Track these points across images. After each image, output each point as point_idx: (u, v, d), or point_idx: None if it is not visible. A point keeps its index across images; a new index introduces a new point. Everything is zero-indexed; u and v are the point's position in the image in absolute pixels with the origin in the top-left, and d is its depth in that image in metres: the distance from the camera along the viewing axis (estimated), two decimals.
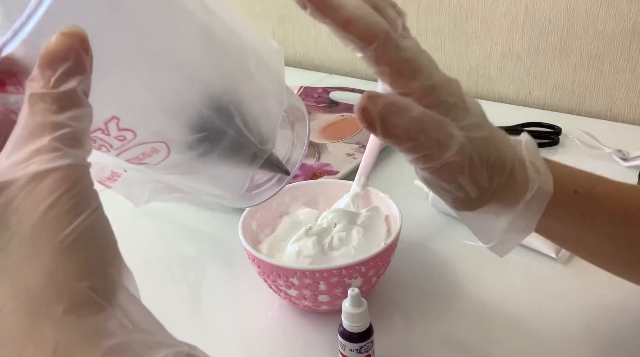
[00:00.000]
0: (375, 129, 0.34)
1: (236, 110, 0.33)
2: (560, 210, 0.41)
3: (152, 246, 0.68)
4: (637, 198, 0.43)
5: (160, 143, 0.31)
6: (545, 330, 0.52)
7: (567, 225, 0.42)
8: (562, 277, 0.58)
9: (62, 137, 0.24)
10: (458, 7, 0.99)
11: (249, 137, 0.34)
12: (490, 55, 1.00)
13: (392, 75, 0.35)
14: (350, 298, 0.45)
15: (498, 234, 0.41)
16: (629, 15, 0.85)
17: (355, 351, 0.46)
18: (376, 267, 0.51)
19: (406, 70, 0.35)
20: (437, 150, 0.35)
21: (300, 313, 0.55)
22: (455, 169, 0.36)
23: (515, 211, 0.39)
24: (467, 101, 0.37)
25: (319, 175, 0.78)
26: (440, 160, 0.35)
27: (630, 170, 0.75)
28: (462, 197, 0.38)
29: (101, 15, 0.26)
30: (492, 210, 0.40)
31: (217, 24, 0.32)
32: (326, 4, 0.33)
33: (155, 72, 0.29)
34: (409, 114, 0.34)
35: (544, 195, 0.40)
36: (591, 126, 0.85)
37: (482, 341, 0.51)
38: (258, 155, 0.35)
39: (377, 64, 0.35)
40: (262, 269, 0.52)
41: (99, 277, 0.24)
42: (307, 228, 0.55)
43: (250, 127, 0.34)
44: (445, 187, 0.37)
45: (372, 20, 0.34)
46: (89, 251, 0.24)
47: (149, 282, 0.62)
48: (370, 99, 0.33)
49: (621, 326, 0.52)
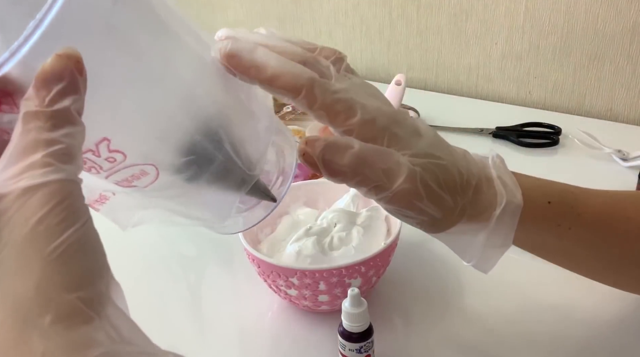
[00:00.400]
0: (318, 170, 0.35)
1: (225, 136, 0.34)
2: (535, 222, 0.41)
3: (152, 246, 0.68)
4: (612, 205, 0.44)
5: (150, 165, 0.32)
6: (545, 330, 0.52)
7: (544, 236, 0.43)
8: (562, 277, 0.58)
9: (54, 153, 0.24)
10: (458, 7, 0.99)
11: (237, 162, 0.34)
12: (490, 55, 1.00)
13: (330, 116, 0.36)
14: (350, 298, 0.45)
15: (477, 251, 0.41)
16: (629, 15, 0.85)
17: (355, 351, 0.46)
18: (376, 267, 0.51)
19: (341, 109, 0.36)
20: (386, 179, 0.36)
21: (300, 313, 0.55)
22: (409, 195, 0.36)
23: (488, 226, 0.40)
24: (419, 128, 0.38)
25: (319, 175, 0.78)
26: (391, 189, 0.36)
27: (630, 170, 0.75)
28: (427, 220, 0.38)
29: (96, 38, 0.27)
30: (464, 228, 0.40)
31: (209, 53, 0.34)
32: (250, 66, 0.35)
33: (148, 95, 0.30)
34: (350, 150, 0.35)
35: (514, 208, 0.40)
36: (591, 126, 0.85)
37: (482, 341, 0.51)
38: (246, 180, 0.36)
39: (311, 109, 0.36)
40: (262, 269, 0.52)
41: (87, 289, 0.25)
42: (307, 228, 0.55)
43: (239, 153, 0.35)
44: (407, 214, 0.38)
45: (296, 72, 0.35)
46: (77, 263, 0.24)
47: (149, 282, 0.62)
48: (308, 143, 0.35)
49: (621, 326, 0.52)
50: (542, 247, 0.45)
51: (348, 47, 1.16)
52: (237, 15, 1.29)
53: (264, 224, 0.60)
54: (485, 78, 1.02)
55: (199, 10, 1.35)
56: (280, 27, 1.23)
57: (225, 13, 1.31)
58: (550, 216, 0.42)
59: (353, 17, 1.12)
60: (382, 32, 1.10)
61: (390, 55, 1.11)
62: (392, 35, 1.09)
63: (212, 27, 1.41)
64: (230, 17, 1.31)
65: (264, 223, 0.60)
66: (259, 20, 1.26)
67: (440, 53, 1.05)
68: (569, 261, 0.46)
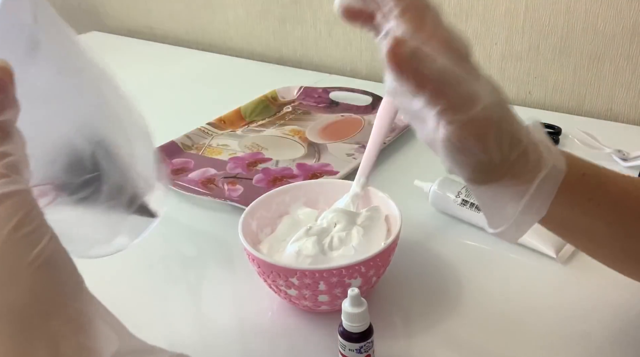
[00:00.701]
0: (406, 70, 0.34)
1: (114, 158, 0.36)
2: (569, 193, 0.40)
3: (152, 246, 0.68)
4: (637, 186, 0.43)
5: (46, 185, 0.33)
6: (545, 330, 0.52)
7: (574, 211, 0.42)
8: (562, 277, 0.58)
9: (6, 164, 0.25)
10: (458, 7, 0.99)
11: (127, 182, 0.37)
12: (490, 56, 1.00)
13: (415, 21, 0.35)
14: (350, 298, 0.45)
15: (511, 216, 0.40)
16: (629, 15, 0.85)
17: (355, 351, 0.46)
18: (376, 267, 0.51)
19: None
20: (468, 101, 0.34)
21: (300, 313, 0.55)
22: (485, 125, 0.35)
23: (530, 190, 0.39)
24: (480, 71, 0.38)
25: (319, 175, 0.78)
26: (469, 113, 0.34)
27: (630, 171, 0.74)
28: (485, 163, 0.37)
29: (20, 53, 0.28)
30: (506, 186, 0.39)
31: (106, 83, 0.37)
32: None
33: (53, 113, 0.31)
34: (440, 60, 0.34)
35: (557, 174, 0.39)
36: (591, 126, 0.85)
37: (482, 341, 0.51)
38: (134, 200, 0.38)
39: None
40: (262, 269, 0.52)
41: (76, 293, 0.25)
42: (307, 228, 0.55)
43: (128, 174, 0.37)
44: (470, 148, 0.36)
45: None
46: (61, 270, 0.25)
47: (149, 282, 0.62)
48: (400, 42, 0.33)
49: (621, 326, 0.52)
50: (568, 224, 0.44)
51: (348, 47, 1.16)
52: (237, 15, 1.29)
53: (264, 224, 0.60)
54: None
55: (199, 10, 1.35)
56: (280, 27, 1.23)
57: (225, 13, 1.31)
58: (583, 189, 0.41)
59: None
60: None
61: None
62: None
63: (212, 27, 1.41)
64: (230, 17, 1.31)
65: (264, 223, 0.60)
66: (259, 20, 1.26)
67: None
68: (591, 241, 0.45)
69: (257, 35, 1.28)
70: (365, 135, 0.86)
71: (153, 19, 1.46)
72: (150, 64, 1.30)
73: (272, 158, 0.83)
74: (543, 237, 0.60)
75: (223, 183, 0.77)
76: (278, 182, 0.76)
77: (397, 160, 0.81)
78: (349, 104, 0.97)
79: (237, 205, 0.70)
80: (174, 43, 1.42)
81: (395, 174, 0.78)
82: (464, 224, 0.66)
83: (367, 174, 0.61)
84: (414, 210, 0.68)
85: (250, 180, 0.77)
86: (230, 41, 1.34)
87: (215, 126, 0.92)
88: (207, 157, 0.84)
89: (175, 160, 0.84)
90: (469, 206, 0.64)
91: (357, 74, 1.17)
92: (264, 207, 0.60)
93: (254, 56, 1.30)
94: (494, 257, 0.61)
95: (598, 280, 0.57)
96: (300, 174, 0.79)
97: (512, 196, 0.39)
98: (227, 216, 0.71)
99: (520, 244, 0.61)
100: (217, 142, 0.88)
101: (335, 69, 1.19)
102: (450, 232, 0.66)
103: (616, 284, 0.56)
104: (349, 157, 0.82)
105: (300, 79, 1.08)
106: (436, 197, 0.68)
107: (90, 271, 0.69)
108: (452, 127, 0.36)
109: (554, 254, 0.59)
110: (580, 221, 0.43)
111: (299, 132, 0.90)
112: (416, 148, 0.84)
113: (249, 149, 0.86)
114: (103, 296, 0.64)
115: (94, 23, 1.60)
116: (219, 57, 1.31)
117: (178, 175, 0.80)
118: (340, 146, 0.85)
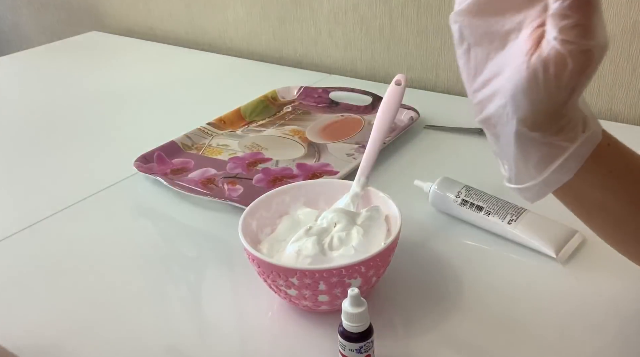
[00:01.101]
0: None
1: None
2: (591, 162, 0.40)
3: (152, 246, 0.68)
4: None
5: None
6: (545, 330, 0.52)
7: (592, 183, 0.41)
8: (562, 277, 0.58)
9: None
10: None
11: None
12: None
13: None
14: (350, 298, 0.45)
15: (544, 171, 0.39)
16: (629, 15, 0.85)
17: (355, 351, 0.46)
18: (376, 267, 0.51)
19: None
20: (593, 32, 0.34)
21: (300, 313, 0.55)
22: (590, 63, 0.34)
23: (571, 147, 0.38)
24: None
25: (319, 175, 0.78)
26: (590, 43, 0.34)
27: None
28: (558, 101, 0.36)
29: None
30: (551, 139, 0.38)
31: None
32: None
33: None
34: None
35: (595, 139, 0.39)
36: None
37: (482, 341, 0.51)
38: None
39: None
40: (262, 269, 0.52)
41: None
42: (307, 228, 0.55)
43: None
44: (561, 77, 0.35)
45: None
46: None
47: (149, 282, 0.62)
48: None
49: (621, 326, 0.52)
50: (585, 198, 0.43)
51: (348, 47, 1.16)
52: (237, 15, 1.29)
53: (264, 224, 0.60)
54: None
55: (199, 10, 1.35)
56: (280, 27, 1.23)
57: (225, 13, 1.31)
58: (606, 160, 0.41)
59: (353, 17, 1.12)
60: (382, 32, 1.10)
61: (390, 55, 1.11)
62: (392, 35, 1.09)
63: (212, 27, 1.42)
64: (230, 17, 1.31)
65: (264, 223, 0.60)
66: (259, 20, 1.26)
67: (440, 53, 1.05)
68: (606, 221, 0.45)
69: (257, 35, 1.28)
70: (365, 135, 0.86)
71: (153, 19, 1.46)
72: (150, 64, 1.30)
73: (272, 158, 0.83)
74: (543, 237, 0.60)
75: (223, 183, 0.77)
76: (278, 182, 0.76)
77: (397, 160, 0.81)
78: (349, 104, 0.97)
79: (237, 205, 0.70)
80: (174, 43, 1.42)
81: (395, 174, 0.78)
82: (464, 224, 0.66)
83: (367, 174, 0.61)
84: (414, 210, 0.68)
85: (250, 180, 0.77)
86: (230, 41, 1.34)
87: (215, 126, 0.92)
88: (207, 157, 0.84)
89: (175, 160, 0.84)
90: (469, 206, 0.64)
91: (357, 74, 1.17)
92: (264, 207, 0.60)
93: (254, 56, 1.30)
94: (494, 257, 0.61)
95: (598, 280, 0.57)
96: (300, 174, 0.79)
97: (549, 151, 0.39)
98: (227, 216, 0.71)
99: (520, 244, 0.61)
100: (217, 142, 0.88)
101: (335, 69, 1.19)
102: (450, 232, 0.66)
103: (616, 284, 0.56)
104: (349, 157, 0.82)
105: (300, 79, 1.08)
106: (436, 197, 0.68)
107: (90, 271, 0.69)
108: (570, 47, 0.34)
109: (554, 254, 0.59)
110: (598, 196, 0.42)
111: (299, 132, 0.90)
112: (416, 148, 0.84)
113: (249, 149, 0.86)
114: (103, 295, 0.64)
115: (94, 23, 1.60)
116: (219, 57, 1.31)
117: (178, 175, 0.80)
118: (340, 146, 0.85)
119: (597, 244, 0.61)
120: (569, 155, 0.39)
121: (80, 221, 0.73)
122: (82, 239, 0.69)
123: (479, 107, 0.40)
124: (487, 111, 0.39)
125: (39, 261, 0.66)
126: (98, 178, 0.82)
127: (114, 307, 0.58)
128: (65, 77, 1.25)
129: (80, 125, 1.01)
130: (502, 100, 0.38)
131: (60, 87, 1.19)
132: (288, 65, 1.24)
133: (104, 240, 0.69)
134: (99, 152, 0.91)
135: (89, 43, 1.48)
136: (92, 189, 0.79)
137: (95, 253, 0.66)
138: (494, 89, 0.38)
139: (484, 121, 0.40)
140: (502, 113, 0.38)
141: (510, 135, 0.39)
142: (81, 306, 0.58)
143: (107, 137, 0.96)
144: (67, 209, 0.75)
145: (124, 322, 0.56)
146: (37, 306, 0.59)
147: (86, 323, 0.56)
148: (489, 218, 0.63)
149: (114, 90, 1.15)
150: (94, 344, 0.54)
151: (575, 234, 0.61)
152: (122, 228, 0.72)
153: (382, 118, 0.65)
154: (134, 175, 0.81)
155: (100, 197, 0.78)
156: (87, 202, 0.77)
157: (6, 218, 0.75)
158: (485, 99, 0.39)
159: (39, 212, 0.75)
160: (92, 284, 0.61)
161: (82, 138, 0.96)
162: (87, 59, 1.35)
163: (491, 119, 0.39)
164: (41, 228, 0.72)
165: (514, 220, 0.62)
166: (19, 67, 1.35)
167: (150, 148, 0.84)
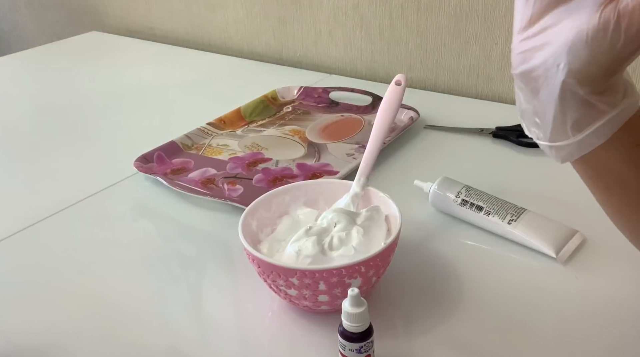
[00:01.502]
0: None
1: None
2: (622, 132, 0.39)
3: (152, 246, 0.68)
4: None
5: None
6: (545, 330, 0.52)
7: (616, 154, 0.41)
8: (562, 277, 0.58)
9: None
10: (458, 7, 0.99)
11: None
12: (490, 55, 1.00)
13: None
14: (350, 298, 0.45)
15: (580, 133, 0.39)
16: None
17: (355, 351, 0.46)
18: (376, 267, 0.51)
19: None
20: None
21: (300, 313, 0.55)
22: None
23: (611, 113, 0.38)
24: None
25: (319, 175, 0.78)
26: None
27: None
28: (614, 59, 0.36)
29: None
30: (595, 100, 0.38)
31: None
32: None
33: None
34: None
35: (633, 108, 0.39)
36: None
37: (482, 341, 0.51)
38: None
39: None
40: (262, 269, 0.52)
41: None
42: (307, 228, 0.55)
43: None
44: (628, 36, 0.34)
45: None
46: None
47: (149, 282, 0.62)
48: None
49: (621, 326, 0.52)
50: (607, 170, 0.42)
51: (348, 47, 1.16)
52: (237, 15, 1.29)
53: (264, 224, 0.60)
54: (485, 78, 1.02)
55: (199, 10, 1.35)
56: (280, 27, 1.23)
57: (225, 13, 1.31)
58: (634, 131, 0.40)
59: (353, 17, 1.12)
60: (382, 32, 1.10)
61: (390, 55, 1.11)
62: (392, 35, 1.09)
63: (212, 27, 1.42)
64: (230, 17, 1.31)
65: (264, 223, 0.60)
66: (259, 20, 1.26)
67: (440, 53, 1.05)
68: (623, 199, 0.44)
69: (257, 35, 1.28)
70: (365, 135, 0.86)
71: (153, 19, 1.46)
72: (150, 64, 1.30)
73: (272, 158, 0.83)
74: (543, 237, 0.60)
75: (223, 183, 0.77)
76: (278, 182, 0.76)
77: (397, 160, 0.81)
78: (349, 104, 0.97)
79: (237, 205, 0.70)
80: (174, 43, 1.42)
81: (395, 174, 0.78)
82: (464, 224, 0.66)
83: (367, 174, 0.61)
84: (414, 210, 0.68)
85: (250, 180, 0.77)
86: (230, 41, 1.34)
87: (215, 126, 0.92)
88: (207, 157, 0.84)
89: (175, 160, 0.84)
90: (469, 206, 0.64)
91: (357, 74, 1.17)
92: (264, 207, 0.60)
93: (254, 56, 1.30)
94: (494, 257, 0.61)
95: (598, 280, 0.57)
96: (300, 174, 0.79)
97: (588, 113, 0.38)
98: (227, 216, 0.71)
99: (520, 244, 0.61)
100: (217, 142, 0.88)
101: (335, 69, 1.19)
102: (450, 232, 0.66)
103: (616, 284, 0.56)
104: (349, 157, 0.82)
105: (300, 79, 1.08)
106: (436, 197, 0.68)
107: (90, 271, 0.69)
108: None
109: (554, 254, 0.59)
110: (621, 168, 0.42)
111: (299, 132, 0.90)
112: (416, 148, 0.84)
113: (249, 149, 0.86)
114: (103, 296, 0.64)
115: (94, 23, 1.60)
116: (219, 57, 1.31)
117: (178, 175, 0.80)
118: (340, 146, 0.85)
119: (597, 244, 0.61)
120: (608, 119, 0.38)
121: (80, 220, 0.73)
122: (82, 239, 0.69)
123: (522, 57, 0.39)
124: (533, 61, 0.38)
125: (39, 261, 0.66)
126: (98, 178, 0.82)
127: (114, 308, 0.58)
128: (65, 77, 1.25)
129: (80, 125, 1.01)
130: (554, 49, 0.37)
131: (60, 87, 1.19)
132: (288, 65, 1.24)
133: (104, 240, 0.69)
134: (99, 152, 0.91)
135: (89, 43, 1.48)
136: (92, 189, 0.79)
137: (95, 253, 0.66)
138: (546, 39, 0.37)
139: (525, 73, 0.39)
140: (552, 64, 0.37)
141: (555, 88, 0.38)
142: (81, 306, 0.58)
143: (107, 137, 0.96)
144: (67, 209, 0.75)
145: (124, 323, 0.56)
146: (37, 306, 0.59)
147: (86, 323, 0.56)
148: (489, 218, 0.63)
149: (114, 90, 1.15)
150: (93, 344, 0.54)
151: (575, 234, 0.61)
152: (122, 228, 0.72)
153: (382, 118, 0.65)
154: (134, 175, 0.81)
155: (100, 197, 0.78)
156: (87, 202, 0.77)
157: (6, 218, 0.75)
158: (534, 48, 0.38)
159: (39, 212, 0.75)
160: (92, 284, 0.61)
161: (82, 138, 0.96)
162: (87, 59, 1.35)
163: (535, 71, 0.38)
164: (41, 228, 0.72)
165: (514, 220, 0.62)
166: (19, 67, 1.35)
167: (150, 148, 0.84)
